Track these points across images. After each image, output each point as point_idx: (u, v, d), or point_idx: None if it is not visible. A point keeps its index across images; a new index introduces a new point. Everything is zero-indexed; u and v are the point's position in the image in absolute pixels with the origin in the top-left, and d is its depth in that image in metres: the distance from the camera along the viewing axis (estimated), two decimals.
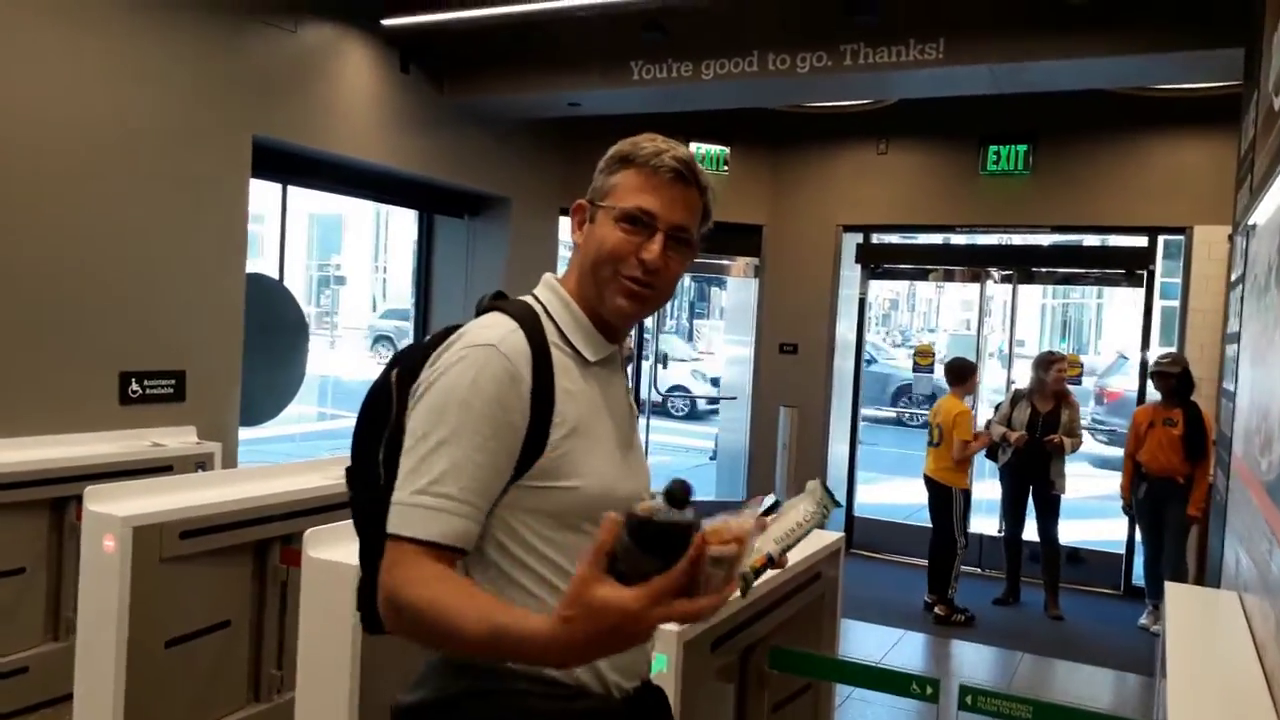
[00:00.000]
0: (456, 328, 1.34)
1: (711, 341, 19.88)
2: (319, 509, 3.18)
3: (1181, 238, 6.67)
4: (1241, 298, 3.42)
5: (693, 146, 7.53)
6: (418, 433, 1.23)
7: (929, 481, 5.94)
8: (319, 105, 5.30)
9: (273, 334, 5.11)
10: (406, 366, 1.35)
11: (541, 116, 6.55)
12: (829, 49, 4.91)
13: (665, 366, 8.04)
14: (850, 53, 4.87)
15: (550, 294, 1.39)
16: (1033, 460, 5.99)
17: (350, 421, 1.46)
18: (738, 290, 8.21)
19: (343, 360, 20.39)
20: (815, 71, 4.95)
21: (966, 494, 5.93)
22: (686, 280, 32.30)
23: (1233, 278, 3.97)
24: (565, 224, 7.40)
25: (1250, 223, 3.04)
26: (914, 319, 38.03)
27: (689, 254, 1.39)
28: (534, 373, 1.26)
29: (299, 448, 9.68)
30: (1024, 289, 7.43)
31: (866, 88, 5.34)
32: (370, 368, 16.82)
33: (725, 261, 7.94)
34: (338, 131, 5.43)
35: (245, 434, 5.42)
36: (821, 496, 1.48)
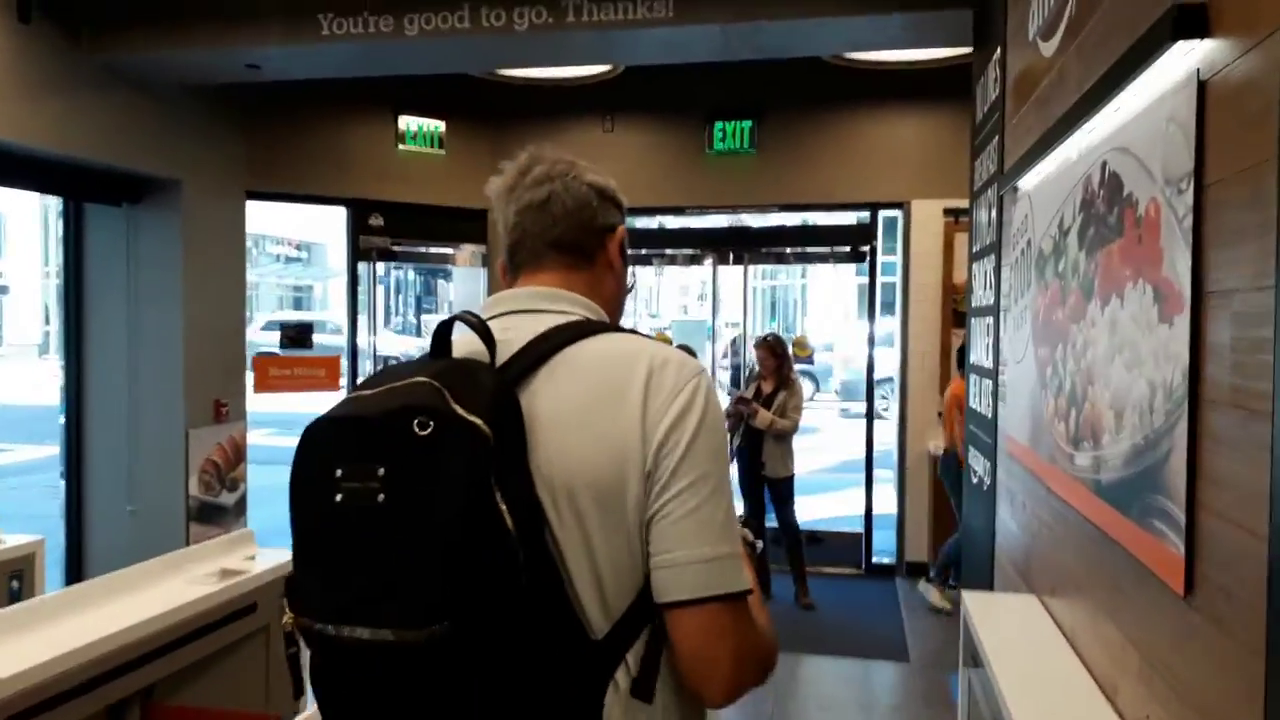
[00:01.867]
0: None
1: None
2: None
3: (899, 213, 6.77)
4: (997, 268, 3.24)
5: (404, 121, 6.74)
6: (712, 476, 1.08)
7: None
8: None
9: None
10: (497, 417, 1.01)
11: (215, 81, 5.52)
12: (549, 4, 4.35)
13: None
14: (573, 8, 4.33)
15: (594, 316, 1.23)
16: (752, 442, 5.86)
17: (16, 454, 0.69)
18: (465, 281, 7.52)
19: (9, 382, 17.60)
20: (534, 29, 4.37)
21: None
22: (410, 274, 30.82)
23: (975, 248, 3.83)
24: (255, 209, 6.41)
25: (1016, 187, 2.81)
26: (637, 305, 38.84)
27: None
28: None
29: None
30: (737, 270, 7.27)
31: (590, 49, 4.84)
32: (48, 387, 14.46)
33: (448, 250, 7.22)
34: None
35: None
36: None
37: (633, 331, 1.19)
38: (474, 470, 0.97)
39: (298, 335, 6.46)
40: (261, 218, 25.41)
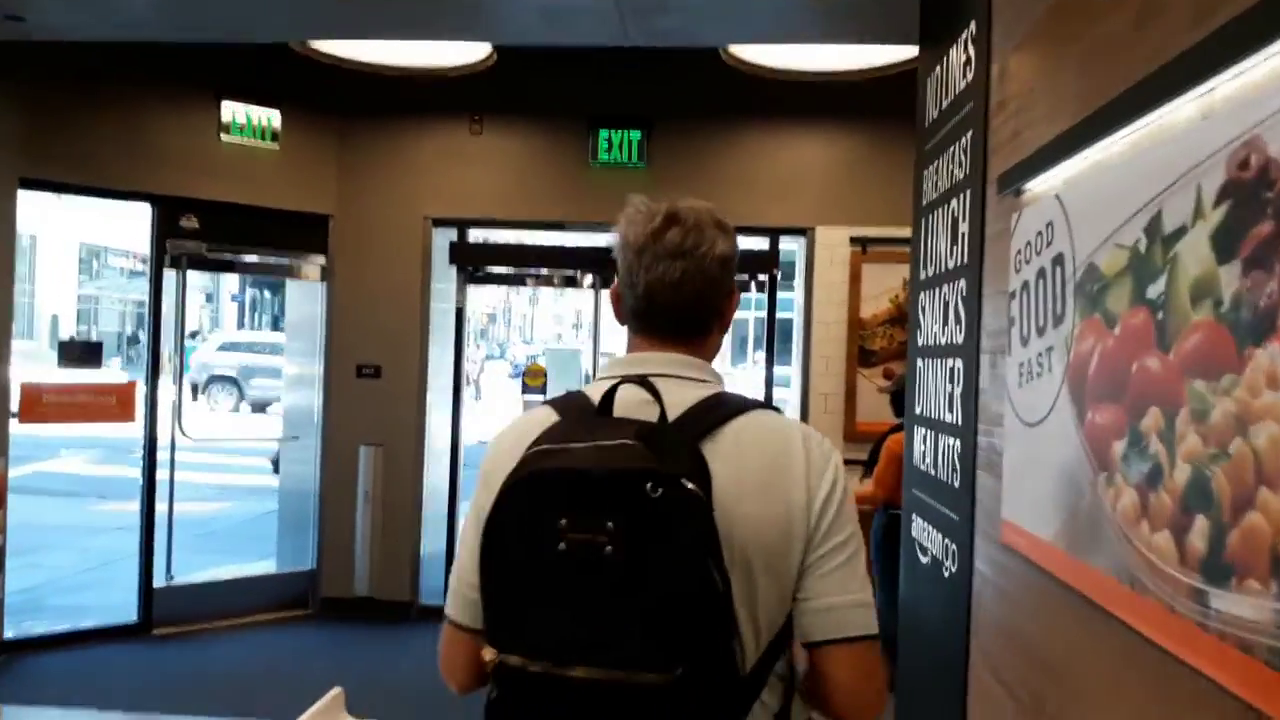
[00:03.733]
0: (717, 404, 1.30)
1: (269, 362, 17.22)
2: None
3: (799, 241, 6.11)
4: (971, 297, 2.51)
5: (228, 109, 5.68)
6: (856, 535, 1.30)
7: None
8: None
9: None
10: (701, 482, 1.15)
11: None
12: None
13: (197, 397, 5.99)
14: None
15: (718, 382, 1.39)
16: None
17: None
18: (302, 299, 6.43)
19: None
20: None
21: None
22: (264, 291, 28.70)
23: (925, 274, 3.13)
24: (30, 199, 5.15)
25: (1021, 190, 2.08)
26: (510, 333, 37.60)
27: None
28: None
29: None
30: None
31: (451, 18, 3.93)
32: None
33: (282, 260, 6.13)
34: None
35: None
36: None
37: (772, 408, 1.36)
38: (703, 534, 1.11)
39: (84, 355, 5.25)
40: (104, 226, 22.99)
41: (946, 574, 2.69)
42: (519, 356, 28.71)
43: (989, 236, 2.44)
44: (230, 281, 27.98)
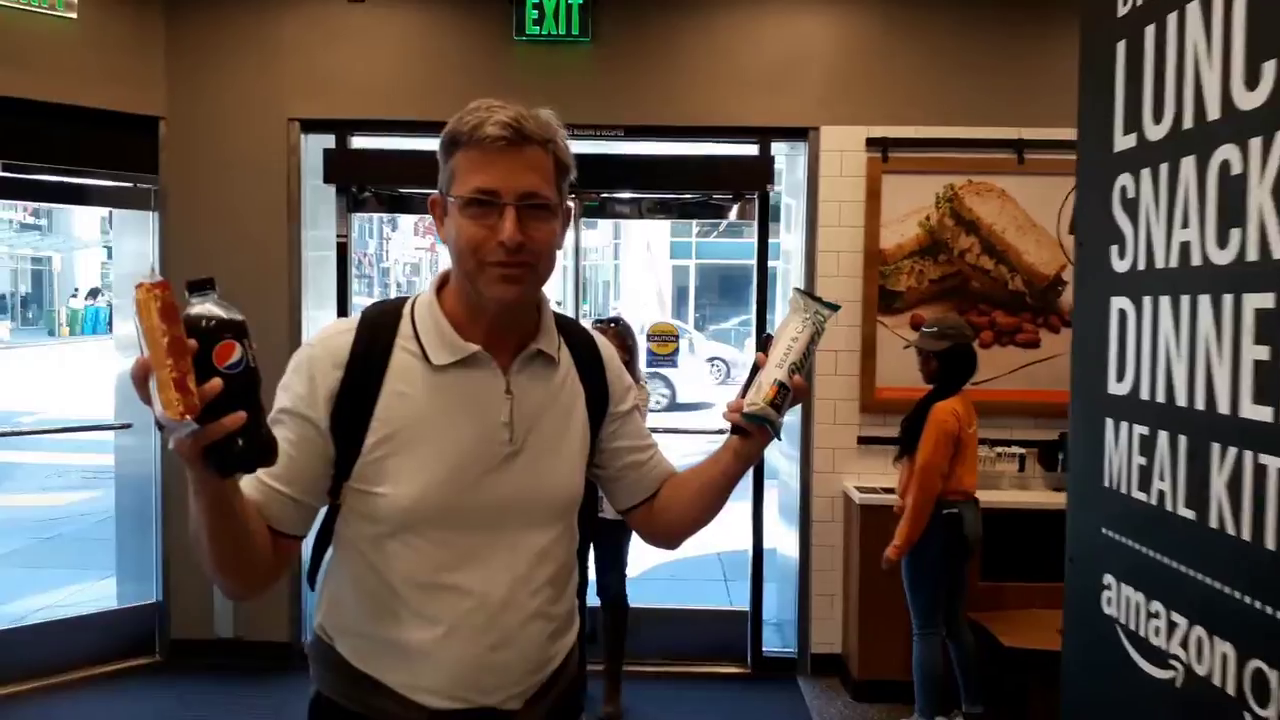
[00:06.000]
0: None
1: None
2: None
3: (803, 144, 4.63)
4: None
5: None
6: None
7: None
8: None
9: None
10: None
11: None
12: None
13: None
14: None
15: (425, 294, 1.40)
16: None
17: None
18: (130, 233, 4.77)
19: None
20: None
21: None
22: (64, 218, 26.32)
23: (1158, 131, 1.68)
24: None
25: None
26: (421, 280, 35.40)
27: (554, 216, 1.33)
28: (351, 375, 1.32)
29: None
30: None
31: None
32: None
33: (94, 181, 4.47)
34: None
35: None
36: (805, 303, 1.40)
37: (367, 315, 1.41)
38: None
39: None
40: None
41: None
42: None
43: None
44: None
